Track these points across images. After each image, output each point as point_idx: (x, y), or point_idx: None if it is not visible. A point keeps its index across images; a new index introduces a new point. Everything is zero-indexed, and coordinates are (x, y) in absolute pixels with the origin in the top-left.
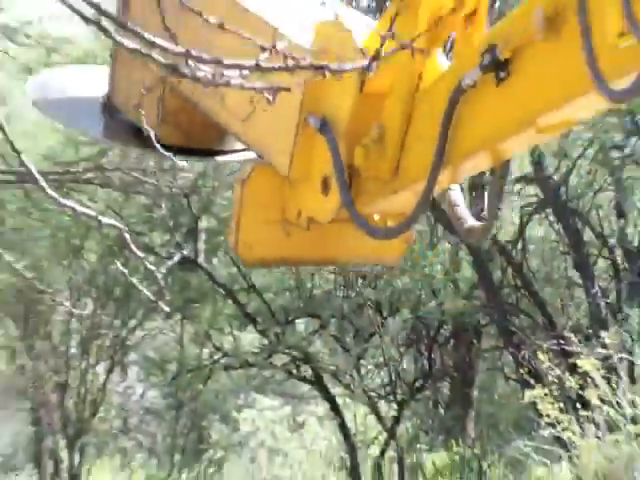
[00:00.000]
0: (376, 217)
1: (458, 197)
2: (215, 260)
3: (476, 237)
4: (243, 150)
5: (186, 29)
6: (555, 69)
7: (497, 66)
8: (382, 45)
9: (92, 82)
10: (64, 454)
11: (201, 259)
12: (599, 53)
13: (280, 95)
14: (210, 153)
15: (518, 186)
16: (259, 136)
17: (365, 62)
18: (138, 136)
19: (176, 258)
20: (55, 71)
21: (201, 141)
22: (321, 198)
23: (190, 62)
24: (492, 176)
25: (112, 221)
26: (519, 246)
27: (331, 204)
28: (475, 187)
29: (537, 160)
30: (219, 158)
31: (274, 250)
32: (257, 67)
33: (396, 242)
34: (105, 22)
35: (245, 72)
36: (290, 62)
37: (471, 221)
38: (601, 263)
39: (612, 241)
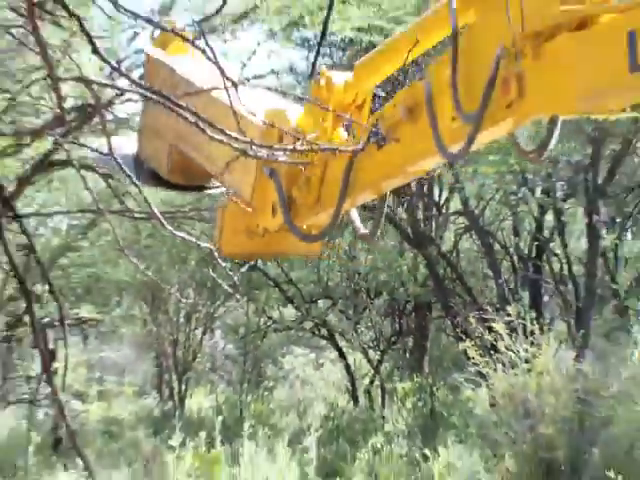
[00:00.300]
0: (305, 227)
1: (355, 215)
2: (269, 264)
3: (366, 239)
4: (219, 187)
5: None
6: (414, 139)
7: (378, 137)
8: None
9: (125, 144)
10: (175, 384)
11: (259, 263)
12: (441, 130)
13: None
14: (201, 188)
15: (453, 217)
16: (233, 179)
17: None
18: (158, 179)
19: (245, 267)
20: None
21: (195, 181)
22: (271, 217)
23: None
24: (377, 201)
25: (205, 244)
26: (454, 253)
27: (277, 221)
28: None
29: (465, 200)
30: (207, 191)
31: (243, 248)
32: (272, 149)
33: (317, 243)
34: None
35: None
36: (291, 143)
37: (362, 230)
38: (505, 264)
39: (511, 250)
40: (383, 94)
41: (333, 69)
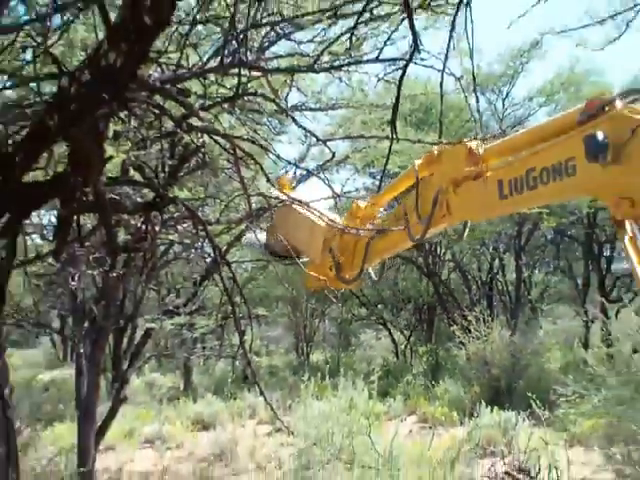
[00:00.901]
0: (347, 276)
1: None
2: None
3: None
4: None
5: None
6: (399, 233)
7: (381, 229)
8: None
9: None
10: (304, 348)
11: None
12: (411, 227)
13: (315, 237)
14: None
15: (447, 262)
16: (310, 253)
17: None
18: (275, 254)
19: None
20: None
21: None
22: (329, 271)
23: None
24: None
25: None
26: (448, 281)
27: (332, 273)
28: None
29: (452, 254)
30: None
31: (317, 286)
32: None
33: (354, 282)
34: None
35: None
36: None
37: (374, 277)
38: (473, 287)
39: (477, 279)
40: None
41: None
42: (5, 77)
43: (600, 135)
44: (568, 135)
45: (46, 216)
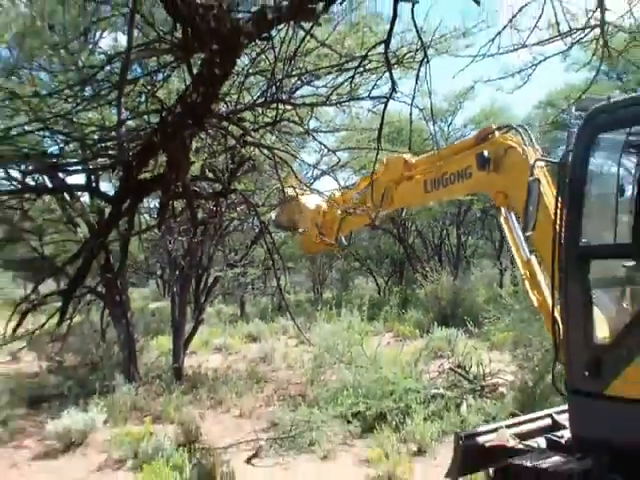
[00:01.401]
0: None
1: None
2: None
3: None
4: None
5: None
6: (360, 215)
7: (349, 209)
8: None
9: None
10: (318, 287)
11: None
12: (369, 209)
13: (307, 217)
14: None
15: (413, 233)
16: (305, 225)
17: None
18: (282, 226)
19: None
20: None
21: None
22: (316, 239)
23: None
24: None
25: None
26: (414, 245)
27: (318, 240)
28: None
29: (417, 226)
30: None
31: (312, 250)
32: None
33: (335, 246)
34: None
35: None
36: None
37: (344, 243)
38: (429, 249)
39: (434, 244)
40: None
41: None
42: (128, 112)
43: (486, 153)
44: (467, 152)
45: (152, 202)
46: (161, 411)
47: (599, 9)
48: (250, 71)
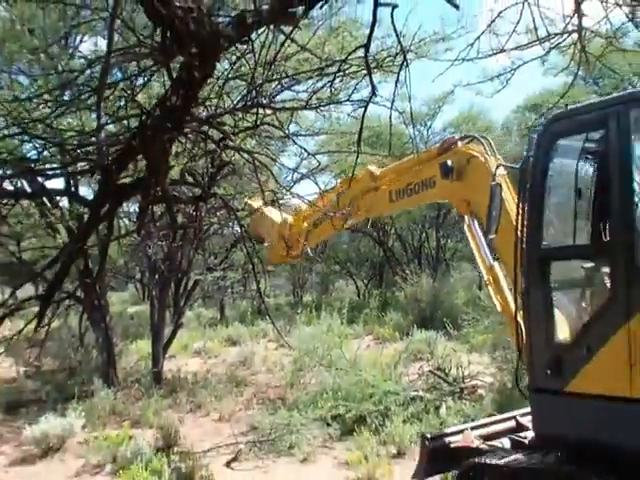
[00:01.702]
0: (294, 254)
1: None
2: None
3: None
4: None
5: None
6: (329, 225)
7: (316, 221)
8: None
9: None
10: (298, 290)
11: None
12: (339, 219)
13: (274, 229)
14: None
15: (393, 237)
16: (270, 239)
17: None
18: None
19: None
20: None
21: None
22: (283, 252)
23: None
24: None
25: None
26: (393, 248)
27: (284, 253)
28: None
29: (396, 230)
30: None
31: (277, 260)
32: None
33: (299, 257)
34: None
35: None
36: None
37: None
38: (409, 252)
39: (413, 247)
40: None
41: None
42: (107, 117)
43: (449, 162)
44: (431, 162)
45: (132, 206)
46: (140, 415)
47: (576, 15)
48: (230, 75)
